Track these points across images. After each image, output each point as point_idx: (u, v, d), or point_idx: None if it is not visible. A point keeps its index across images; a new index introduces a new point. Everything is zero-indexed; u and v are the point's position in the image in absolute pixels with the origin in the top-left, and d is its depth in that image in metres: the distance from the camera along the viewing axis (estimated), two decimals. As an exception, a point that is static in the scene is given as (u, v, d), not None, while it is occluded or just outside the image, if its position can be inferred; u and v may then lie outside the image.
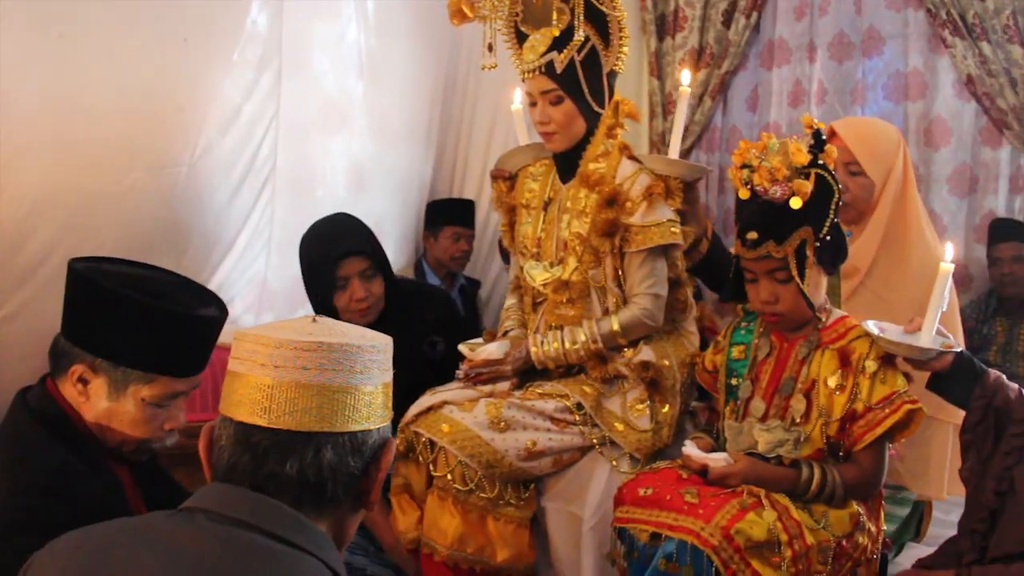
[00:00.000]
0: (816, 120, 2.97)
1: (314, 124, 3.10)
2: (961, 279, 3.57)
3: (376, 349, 1.21)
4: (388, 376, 1.24)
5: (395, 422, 2.35)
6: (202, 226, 2.73)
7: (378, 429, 1.20)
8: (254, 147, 2.85)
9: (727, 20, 3.86)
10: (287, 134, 2.97)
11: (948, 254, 1.99)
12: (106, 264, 1.78)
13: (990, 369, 2.03)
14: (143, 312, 1.65)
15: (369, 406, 1.18)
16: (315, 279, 2.63)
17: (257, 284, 3.00)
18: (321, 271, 2.59)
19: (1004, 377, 2.00)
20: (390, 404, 1.25)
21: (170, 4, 2.52)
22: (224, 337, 1.69)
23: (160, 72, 2.54)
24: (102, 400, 1.68)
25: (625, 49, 2.44)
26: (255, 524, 1.09)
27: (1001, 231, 3.54)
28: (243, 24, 2.74)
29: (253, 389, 1.14)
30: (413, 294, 2.87)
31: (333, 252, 2.58)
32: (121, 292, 1.65)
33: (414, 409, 2.37)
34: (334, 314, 2.56)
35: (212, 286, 2.80)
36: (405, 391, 2.59)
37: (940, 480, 2.70)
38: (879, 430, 2.03)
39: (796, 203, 1.99)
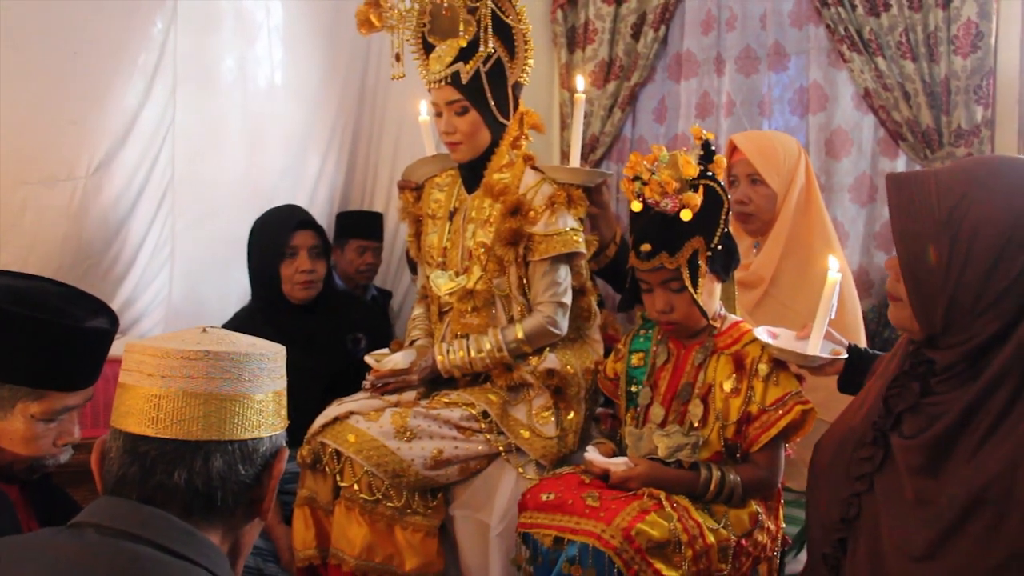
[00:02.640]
0: (725, 132, 3.04)
1: (220, 136, 3.08)
2: (862, 285, 3.68)
3: (266, 357, 1.21)
4: (280, 384, 1.25)
5: (310, 412, 2.38)
6: (102, 240, 2.70)
7: (270, 437, 1.21)
8: (152, 159, 2.83)
9: (636, 33, 3.92)
10: (191, 146, 2.95)
11: (833, 266, 2.05)
12: None
13: (881, 355, 2.05)
14: (28, 326, 1.60)
15: (260, 414, 1.19)
16: (266, 245, 2.77)
17: (163, 300, 2.96)
18: (275, 236, 2.76)
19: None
20: (284, 412, 1.25)
21: (58, 19, 2.51)
22: (119, 350, 1.67)
23: (50, 86, 2.53)
24: None
25: (530, 61, 2.49)
26: (144, 536, 1.09)
27: None
28: (139, 36, 2.73)
29: (141, 400, 1.14)
30: (345, 294, 3.17)
31: (291, 220, 2.81)
32: (2, 307, 1.60)
33: (320, 420, 2.37)
34: (278, 283, 2.78)
35: (117, 303, 2.76)
36: (326, 381, 2.64)
37: None
38: (774, 431, 2.09)
39: (686, 215, 2.04)
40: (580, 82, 2.61)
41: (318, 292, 2.83)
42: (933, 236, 1.38)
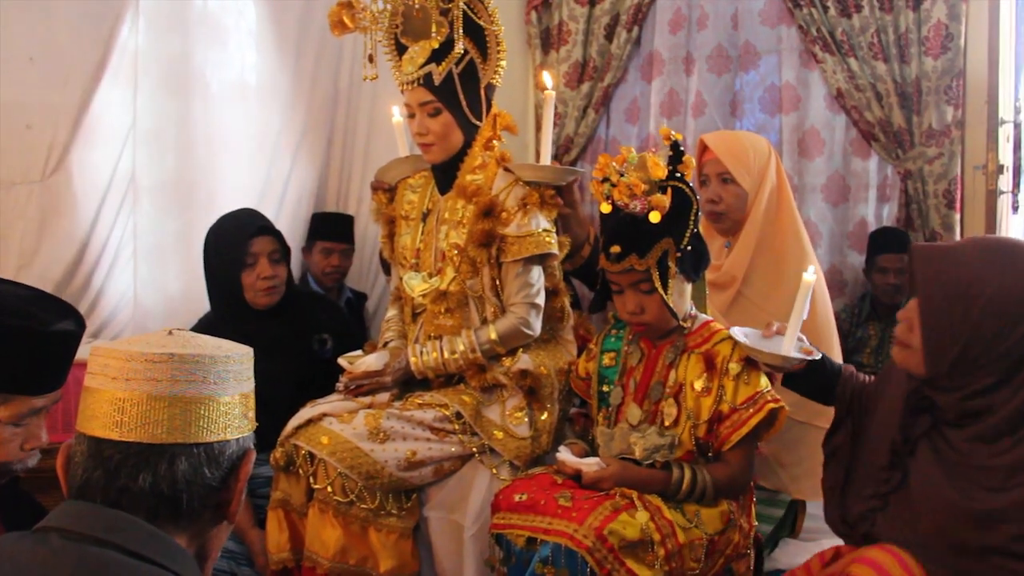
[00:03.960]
0: (697, 131, 3.03)
1: (184, 137, 3.07)
2: (834, 284, 3.70)
3: (232, 360, 1.20)
4: (247, 386, 1.24)
5: (281, 416, 2.37)
6: (64, 242, 2.71)
7: (237, 439, 1.20)
8: (114, 161, 2.82)
9: (609, 34, 3.94)
10: (154, 148, 2.94)
11: (810, 271, 2.07)
12: None
13: (844, 367, 2.11)
14: None
15: (226, 416, 1.18)
16: (225, 254, 2.71)
17: (128, 302, 2.94)
18: (233, 245, 2.69)
19: (854, 370, 2.09)
20: (251, 415, 1.24)
21: (13, 24, 2.52)
22: (86, 354, 1.65)
23: (4, 91, 2.55)
24: None
25: (502, 63, 2.49)
26: (109, 540, 1.08)
27: (887, 242, 3.55)
28: (100, 39, 2.73)
29: (106, 403, 1.13)
30: (310, 295, 3.14)
31: (248, 228, 2.73)
32: None
33: (294, 422, 2.36)
34: (239, 292, 2.71)
35: (83, 305, 2.75)
36: (294, 384, 2.63)
37: (819, 483, 2.79)
38: (744, 430, 2.10)
39: (655, 217, 2.05)
40: (547, 79, 2.60)
41: (280, 297, 2.78)
42: (953, 305, 1.68)
